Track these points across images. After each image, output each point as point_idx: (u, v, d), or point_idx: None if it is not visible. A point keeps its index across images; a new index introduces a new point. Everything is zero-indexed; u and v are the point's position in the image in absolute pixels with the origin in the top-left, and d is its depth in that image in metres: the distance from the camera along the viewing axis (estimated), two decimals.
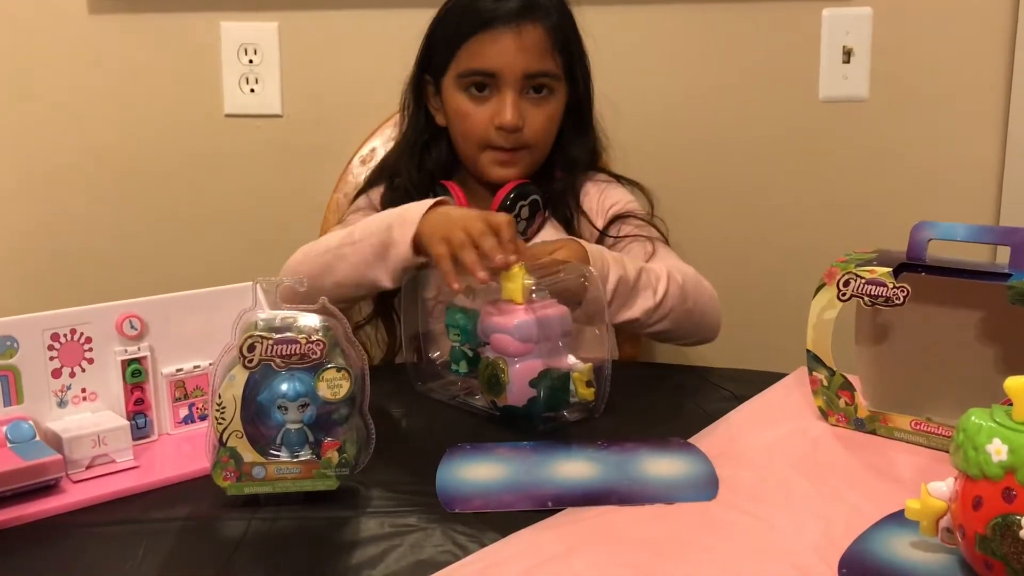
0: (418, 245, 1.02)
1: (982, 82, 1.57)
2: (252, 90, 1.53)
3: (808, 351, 0.92)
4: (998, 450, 0.60)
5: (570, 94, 1.27)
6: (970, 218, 1.57)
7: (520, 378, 0.93)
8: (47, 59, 1.53)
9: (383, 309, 1.28)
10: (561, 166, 1.30)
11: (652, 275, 1.12)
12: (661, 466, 0.84)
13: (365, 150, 1.49)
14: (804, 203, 1.60)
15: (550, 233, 1.29)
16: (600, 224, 1.29)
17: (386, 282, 1.06)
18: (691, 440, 0.90)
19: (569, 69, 1.26)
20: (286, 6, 1.52)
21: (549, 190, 1.28)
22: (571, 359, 0.96)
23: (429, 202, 1.05)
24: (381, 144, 1.49)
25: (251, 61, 1.53)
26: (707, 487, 0.80)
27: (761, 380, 1.05)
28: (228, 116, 1.55)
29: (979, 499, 0.61)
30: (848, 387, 0.91)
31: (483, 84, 1.22)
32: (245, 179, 1.57)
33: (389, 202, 1.24)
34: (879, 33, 1.55)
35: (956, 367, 0.89)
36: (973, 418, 0.63)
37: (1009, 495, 0.60)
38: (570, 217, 1.32)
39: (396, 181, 1.28)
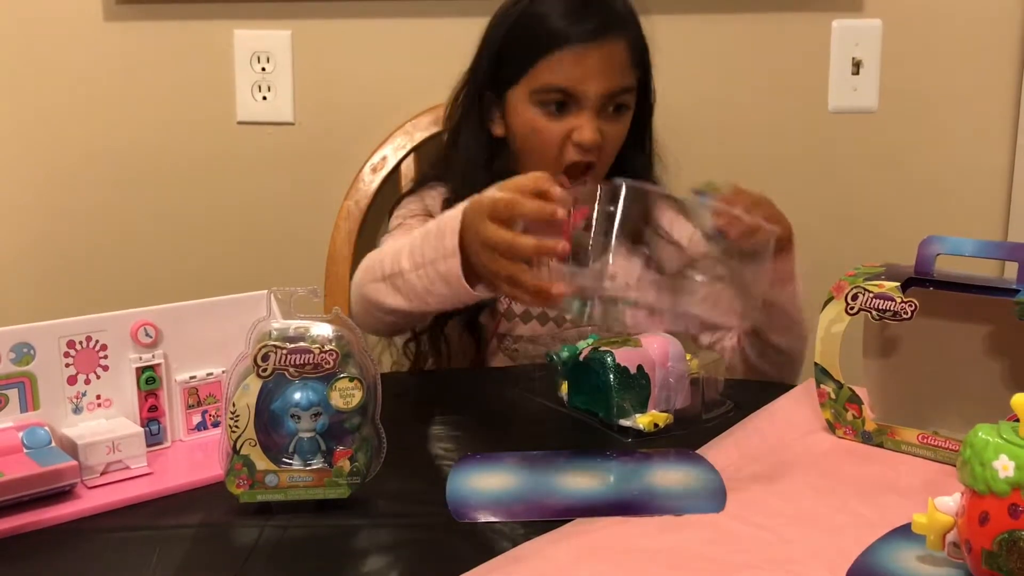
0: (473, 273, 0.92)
1: (991, 94, 1.57)
2: (264, 98, 1.55)
3: (816, 364, 0.93)
4: (1005, 466, 0.61)
5: (637, 106, 1.23)
6: (979, 230, 1.58)
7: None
8: (62, 65, 1.54)
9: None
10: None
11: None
12: (669, 477, 0.85)
13: (376, 158, 1.50)
14: (812, 214, 1.60)
15: (620, 254, 1.29)
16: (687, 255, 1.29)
17: (440, 308, 1.01)
18: (699, 451, 0.90)
19: (643, 81, 1.23)
20: (299, 15, 1.53)
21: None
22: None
23: (455, 224, 0.92)
24: (392, 152, 1.50)
25: (264, 69, 1.54)
26: (715, 499, 0.80)
27: (769, 391, 1.06)
28: (240, 123, 1.56)
29: (986, 514, 0.61)
30: (856, 400, 0.91)
31: (561, 101, 1.17)
32: (257, 186, 1.58)
33: None
34: (888, 45, 1.55)
35: (963, 382, 0.89)
36: (980, 434, 0.64)
37: (1015, 511, 0.60)
38: (642, 236, 1.31)
39: (462, 193, 1.17)
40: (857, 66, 1.56)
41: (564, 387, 1.02)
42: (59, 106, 1.55)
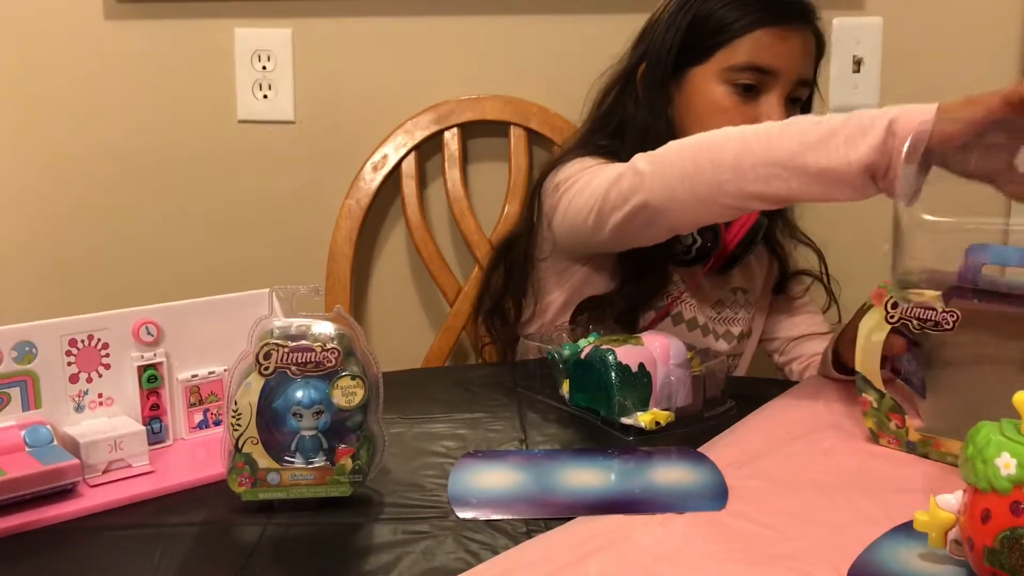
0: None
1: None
2: (265, 96, 1.55)
3: (857, 373, 0.91)
4: (1007, 464, 0.61)
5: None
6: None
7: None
8: (62, 64, 1.54)
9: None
10: None
11: None
12: (671, 475, 0.85)
13: (377, 156, 1.50)
14: (815, 212, 1.60)
15: (763, 263, 1.32)
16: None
17: (850, 197, 0.92)
18: (700, 449, 0.90)
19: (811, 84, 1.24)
20: (300, 13, 1.53)
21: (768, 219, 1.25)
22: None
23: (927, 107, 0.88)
24: (393, 150, 1.50)
25: (264, 67, 1.54)
26: (717, 497, 0.80)
27: (771, 389, 1.06)
28: (241, 122, 1.56)
29: (988, 512, 0.62)
30: (898, 410, 0.89)
31: (754, 82, 1.17)
32: (257, 185, 1.57)
33: None
34: (889, 43, 1.55)
35: (1012, 392, 0.87)
36: (982, 432, 0.64)
37: (1017, 508, 0.60)
38: (779, 249, 1.33)
39: None
40: (858, 64, 1.56)
41: (566, 385, 1.02)
42: (60, 104, 1.55)
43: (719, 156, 0.98)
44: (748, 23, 1.16)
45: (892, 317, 0.87)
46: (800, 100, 1.22)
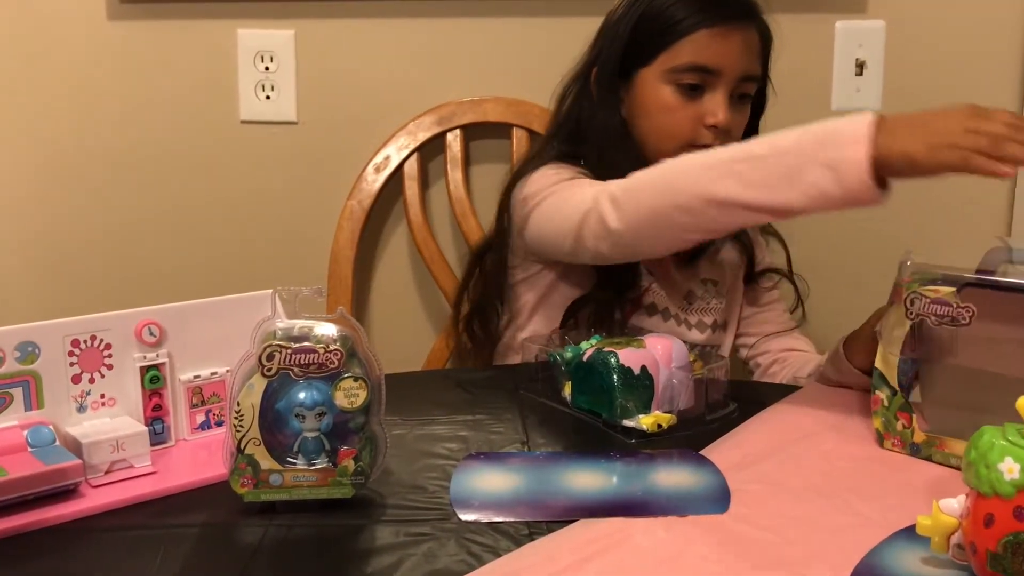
0: (880, 165, 0.89)
1: (994, 95, 1.57)
2: (268, 97, 1.55)
3: (875, 368, 0.91)
4: (1010, 469, 0.61)
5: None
6: (980, 230, 1.58)
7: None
8: (65, 64, 1.54)
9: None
10: None
11: None
12: (673, 478, 0.85)
13: (379, 158, 1.50)
14: (813, 214, 1.60)
15: (731, 255, 1.33)
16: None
17: (797, 206, 0.93)
18: (702, 452, 0.90)
19: (761, 79, 1.25)
20: (302, 14, 1.53)
21: None
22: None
23: (867, 117, 0.92)
24: (395, 151, 1.50)
25: (267, 68, 1.54)
26: (719, 500, 0.80)
27: (773, 393, 1.06)
28: (244, 123, 1.56)
29: (991, 517, 0.62)
30: (908, 409, 0.89)
31: (698, 81, 1.18)
32: (260, 186, 1.58)
33: None
34: (892, 46, 1.55)
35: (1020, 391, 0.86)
36: (985, 436, 0.64)
37: (1020, 513, 0.60)
38: (747, 240, 1.34)
39: (599, 173, 1.18)
40: (860, 67, 1.56)
41: (568, 387, 1.02)
42: (63, 105, 1.55)
43: (674, 199, 1.01)
44: (689, 24, 1.17)
45: (911, 313, 0.88)
46: (748, 96, 1.23)
